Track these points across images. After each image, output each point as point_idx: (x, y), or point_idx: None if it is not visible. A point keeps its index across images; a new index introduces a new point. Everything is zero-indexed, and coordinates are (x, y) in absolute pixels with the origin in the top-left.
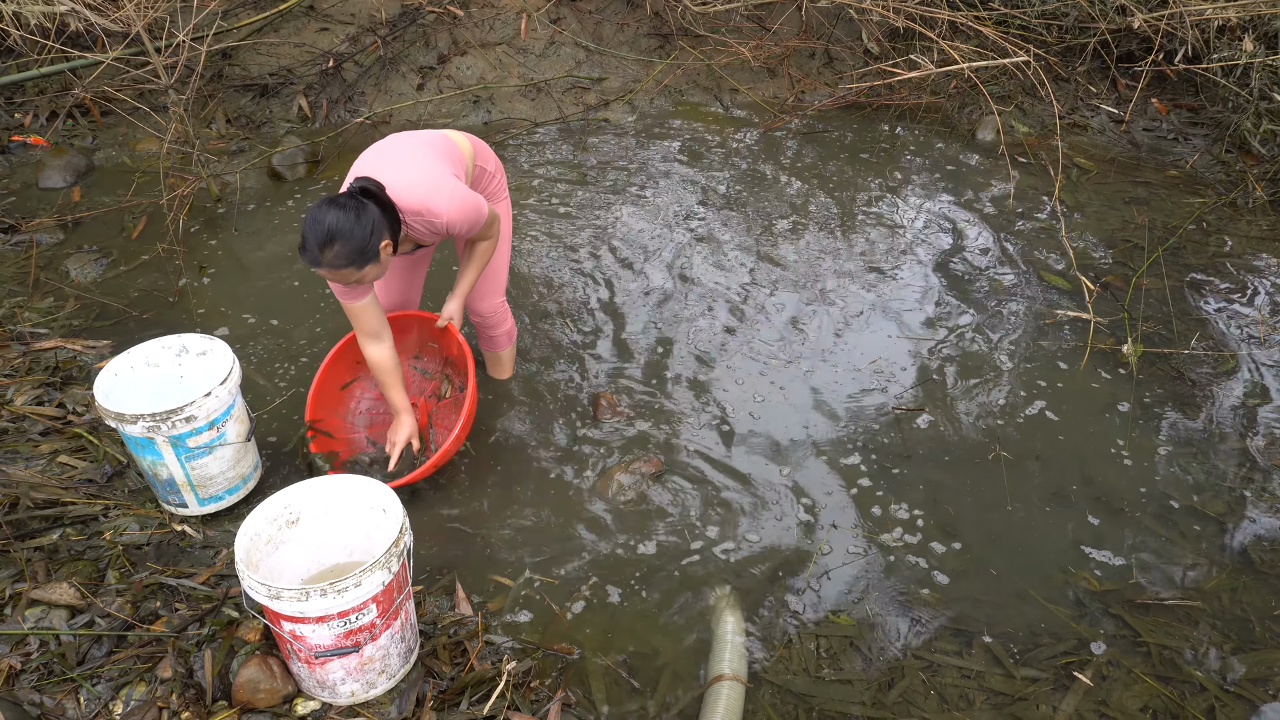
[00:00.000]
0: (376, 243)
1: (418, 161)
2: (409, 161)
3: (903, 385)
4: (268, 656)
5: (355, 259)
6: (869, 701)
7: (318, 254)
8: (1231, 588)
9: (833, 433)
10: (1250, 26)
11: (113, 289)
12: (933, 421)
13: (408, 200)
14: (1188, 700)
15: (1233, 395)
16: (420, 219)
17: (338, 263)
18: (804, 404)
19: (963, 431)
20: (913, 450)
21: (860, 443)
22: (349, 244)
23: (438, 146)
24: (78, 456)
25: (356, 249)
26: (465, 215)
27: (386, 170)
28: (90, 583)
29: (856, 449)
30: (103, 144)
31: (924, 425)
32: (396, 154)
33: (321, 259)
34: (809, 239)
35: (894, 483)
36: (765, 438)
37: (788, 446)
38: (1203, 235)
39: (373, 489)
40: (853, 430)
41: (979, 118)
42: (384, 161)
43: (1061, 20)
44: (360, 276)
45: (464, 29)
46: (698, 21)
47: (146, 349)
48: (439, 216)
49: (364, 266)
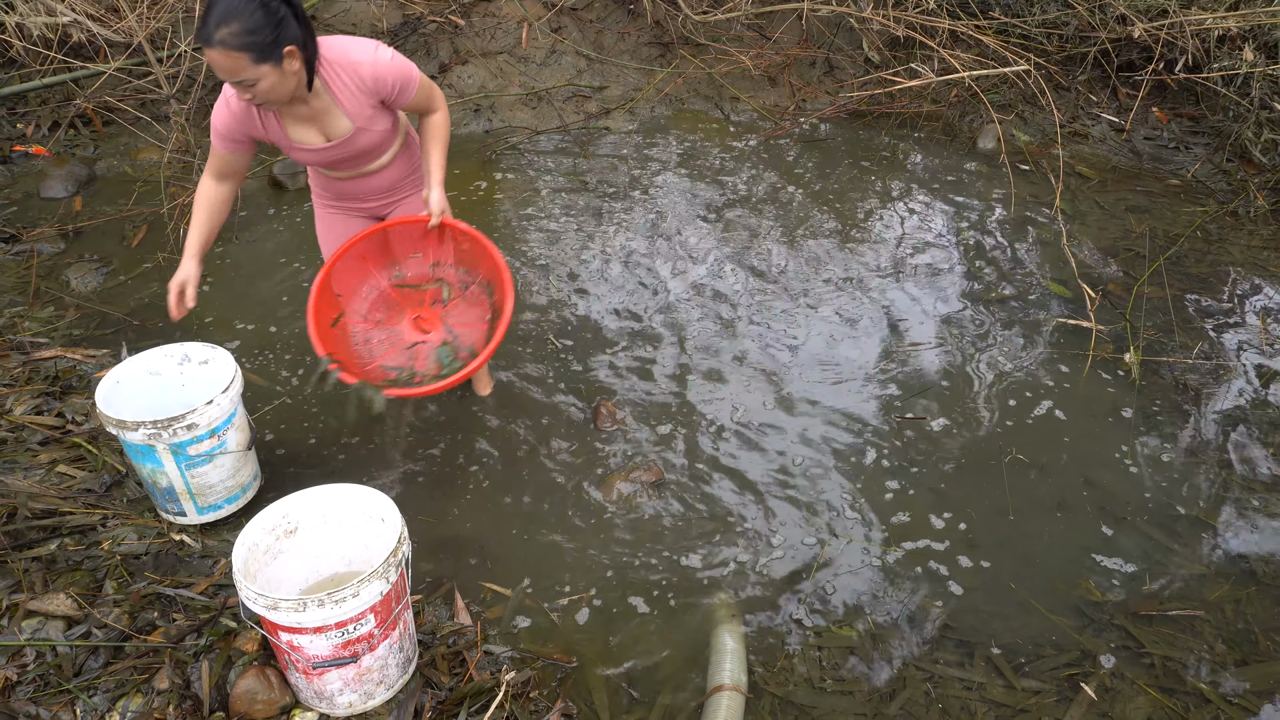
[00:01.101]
0: (284, 41)
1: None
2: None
3: (904, 394)
4: (265, 667)
5: (255, 46)
6: (870, 713)
7: (212, 28)
8: (1235, 599)
9: (834, 441)
10: (1250, 36)
11: (113, 298)
12: (934, 430)
13: (328, 47)
14: (1191, 712)
15: (1234, 404)
16: (342, 68)
17: (232, 41)
18: (805, 413)
19: (965, 440)
20: (914, 459)
21: (862, 451)
22: (251, 21)
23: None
24: (76, 466)
25: (259, 32)
26: (395, 67)
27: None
28: (88, 593)
29: (858, 458)
30: (104, 154)
31: (926, 434)
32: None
33: (214, 34)
34: (810, 247)
35: (895, 492)
36: (766, 447)
37: (788, 455)
38: (1204, 244)
39: (371, 498)
40: (854, 439)
41: (980, 126)
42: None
43: (1062, 29)
44: (255, 77)
45: (465, 38)
46: (698, 30)
47: (148, 357)
48: (361, 64)
49: (261, 63)
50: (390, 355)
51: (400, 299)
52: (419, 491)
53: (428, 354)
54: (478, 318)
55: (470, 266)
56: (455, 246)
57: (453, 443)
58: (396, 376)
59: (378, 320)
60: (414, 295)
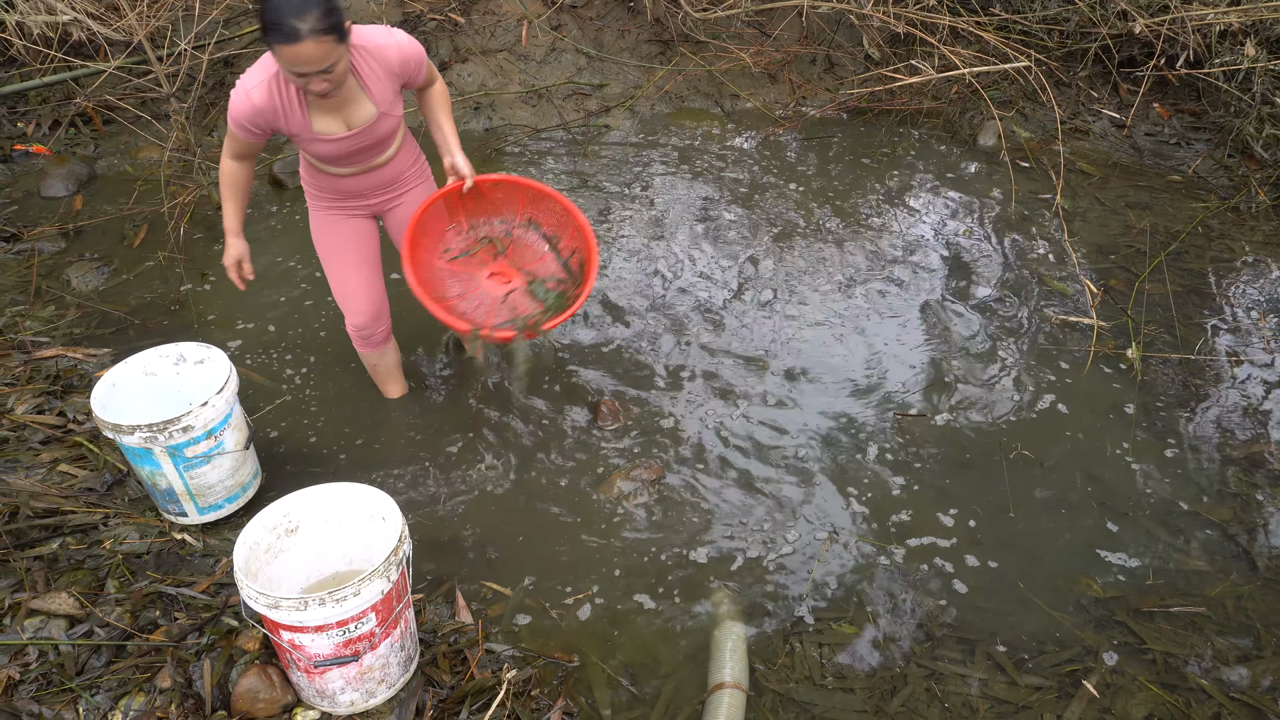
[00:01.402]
0: (343, 17)
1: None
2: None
3: (905, 391)
4: (267, 666)
5: (337, 27)
6: (871, 710)
7: (297, 22)
8: (1236, 595)
9: (835, 439)
10: (1252, 31)
11: (114, 297)
12: (935, 427)
13: (353, 34)
14: (1193, 708)
15: (1236, 400)
16: (369, 53)
17: (320, 26)
18: (806, 410)
19: (966, 437)
20: (915, 456)
21: (862, 449)
22: (325, 3)
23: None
24: (78, 465)
25: (335, 12)
26: (415, 47)
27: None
28: (90, 592)
29: (858, 455)
30: (105, 152)
31: (927, 431)
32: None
33: (302, 26)
34: (811, 245)
35: (897, 489)
36: (767, 444)
37: (789, 453)
38: (1205, 240)
39: (372, 497)
40: (854, 436)
41: (980, 123)
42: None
43: (1063, 25)
44: (338, 58)
45: (465, 36)
46: (698, 28)
47: (144, 358)
48: (386, 47)
49: (342, 42)
50: (494, 314)
51: (461, 268)
52: (420, 490)
53: (522, 297)
54: (538, 251)
55: (506, 212)
56: (486, 199)
57: (453, 441)
58: (515, 324)
59: (459, 294)
60: (472, 260)
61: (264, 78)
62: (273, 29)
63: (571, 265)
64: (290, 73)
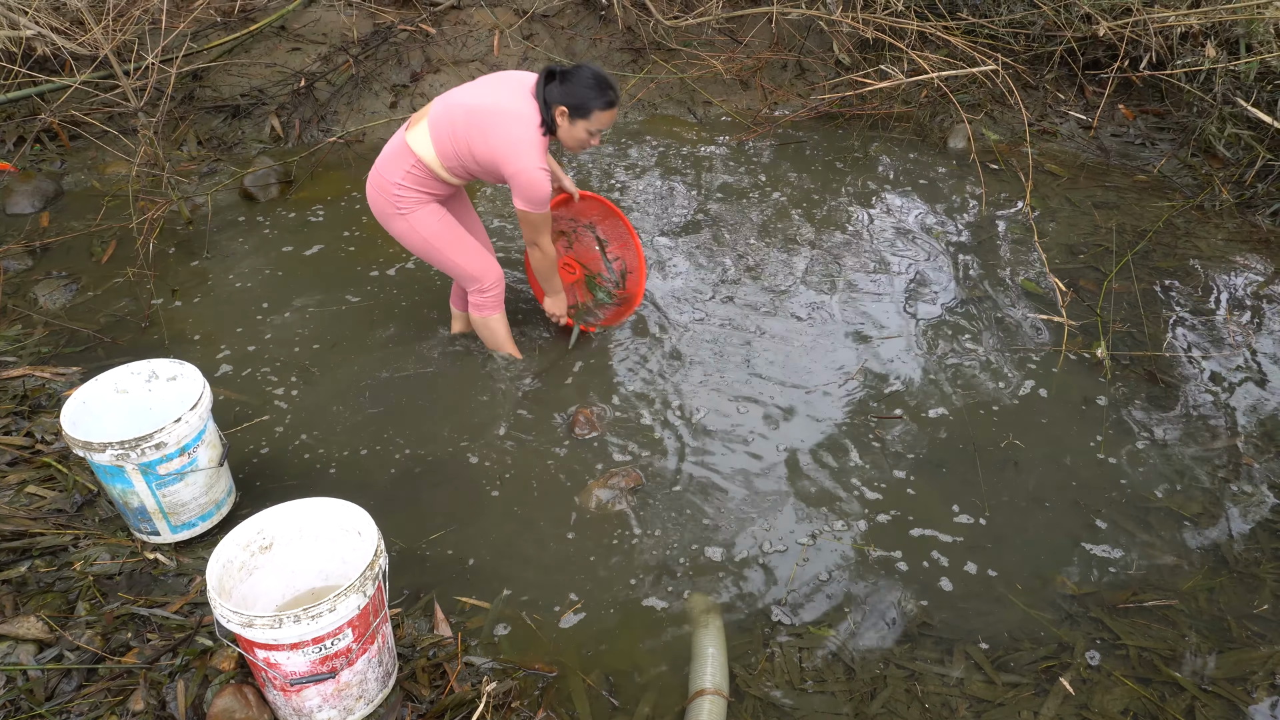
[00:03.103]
0: None
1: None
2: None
3: (879, 393)
4: (243, 685)
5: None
6: (851, 712)
7: (618, 94)
8: (1208, 588)
9: (811, 442)
10: (1212, 33)
11: (82, 314)
12: (910, 428)
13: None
14: (1167, 701)
15: (1203, 395)
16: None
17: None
18: (781, 414)
19: (940, 438)
20: (890, 458)
21: (838, 451)
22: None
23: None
24: (46, 486)
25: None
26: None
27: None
28: (59, 615)
29: (834, 458)
30: (71, 168)
31: (901, 433)
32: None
33: (619, 97)
34: (784, 249)
35: (873, 491)
36: (744, 449)
37: (765, 458)
38: (1171, 238)
39: (347, 512)
40: (830, 439)
41: (950, 126)
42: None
43: (1028, 29)
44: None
45: (437, 46)
46: (670, 35)
47: (115, 375)
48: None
49: None
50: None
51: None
52: (396, 504)
53: (580, 288)
54: (590, 249)
55: (579, 215)
56: (571, 206)
57: (429, 454)
58: (576, 312)
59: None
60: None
61: (542, 155)
62: (605, 96)
63: (615, 268)
64: (593, 132)
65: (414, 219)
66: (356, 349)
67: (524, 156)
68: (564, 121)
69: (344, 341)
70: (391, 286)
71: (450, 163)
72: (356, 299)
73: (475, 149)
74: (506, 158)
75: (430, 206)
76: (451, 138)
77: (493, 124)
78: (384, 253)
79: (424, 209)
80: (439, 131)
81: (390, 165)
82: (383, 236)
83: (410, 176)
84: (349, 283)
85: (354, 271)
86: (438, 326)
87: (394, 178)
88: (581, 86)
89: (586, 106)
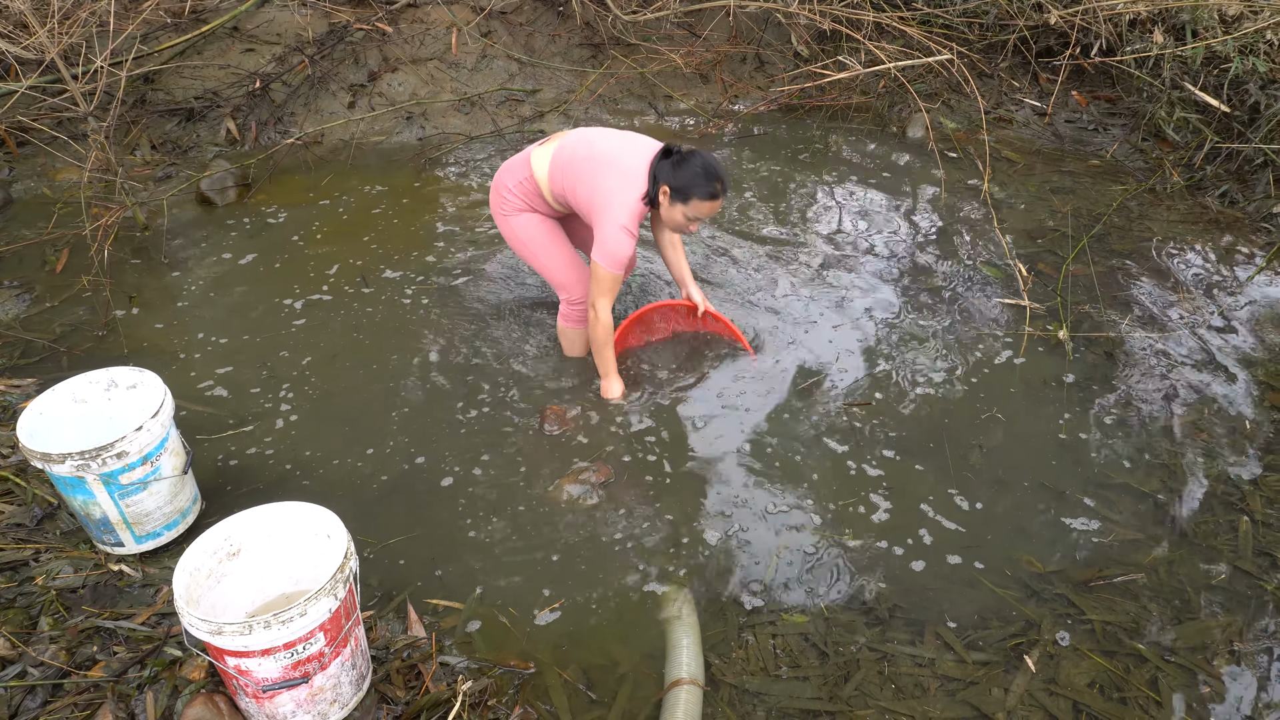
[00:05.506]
0: None
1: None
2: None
3: (851, 382)
4: (214, 694)
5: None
6: (826, 696)
7: (726, 188)
8: (1168, 561)
9: (782, 432)
10: (1160, 19)
11: (37, 325)
12: (878, 414)
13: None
14: (1131, 672)
15: (1160, 373)
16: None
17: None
18: (751, 405)
19: (908, 423)
20: (861, 444)
21: (809, 439)
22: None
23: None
24: (4, 500)
25: None
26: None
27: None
28: (22, 631)
29: (805, 446)
30: (20, 175)
31: (871, 419)
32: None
33: (726, 191)
34: (748, 241)
35: (844, 478)
36: (715, 441)
37: (737, 447)
38: (1126, 221)
39: (316, 515)
40: (802, 429)
41: (908, 116)
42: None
43: (982, 18)
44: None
45: (394, 45)
46: (629, 30)
47: (73, 385)
48: (599, 216)
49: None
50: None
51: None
52: (365, 505)
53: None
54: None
55: (689, 327)
56: (690, 318)
57: (397, 454)
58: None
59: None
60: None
61: (634, 219)
62: (709, 187)
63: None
64: (691, 218)
65: (515, 221)
66: (320, 353)
67: (616, 214)
68: (665, 200)
69: (307, 346)
70: (353, 289)
71: (556, 189)
72: (316, 301)
73: (580, 189)
74: (601, 209)
75: (532, 214)
76: (566, 169)
77: (603, 173)
78: (343, 255)
79: (525, 214)
80: (559, 159)
81: (511, 170)
82: (343, 240)
83: (521, 187)
84: (309, 286)
85: (314, 275)
86: (402, 328)
87: (509, 182)
88: (690, 171)
89: (689, 192)
